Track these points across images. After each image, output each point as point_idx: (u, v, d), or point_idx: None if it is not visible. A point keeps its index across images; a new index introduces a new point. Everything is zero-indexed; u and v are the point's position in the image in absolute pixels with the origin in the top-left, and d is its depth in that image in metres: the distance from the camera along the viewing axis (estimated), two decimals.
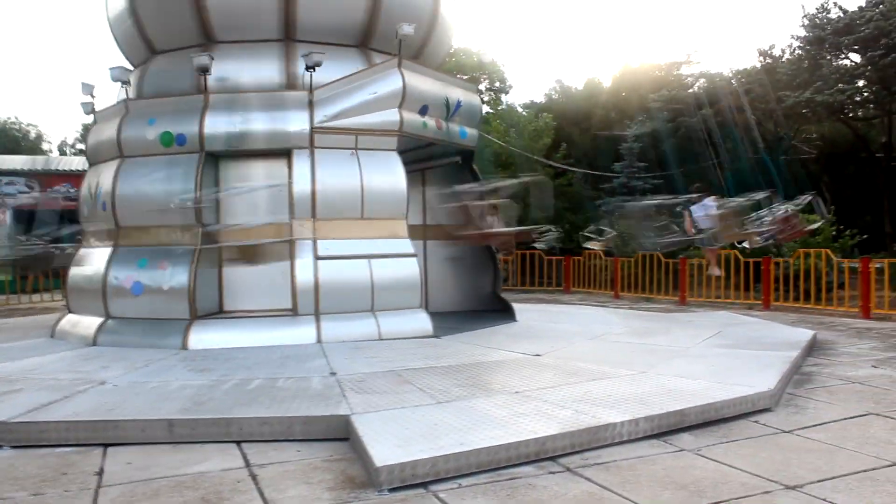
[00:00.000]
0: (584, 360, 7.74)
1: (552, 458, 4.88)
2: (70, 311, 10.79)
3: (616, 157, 27.47)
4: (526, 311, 12.18)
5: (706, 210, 11.98)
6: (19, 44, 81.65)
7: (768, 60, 30.02)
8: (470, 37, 63.86)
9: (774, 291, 15.28)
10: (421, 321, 9.56)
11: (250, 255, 9.73)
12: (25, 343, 10.04)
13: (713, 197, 12.26)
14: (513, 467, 4.72)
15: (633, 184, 25.83)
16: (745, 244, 12.55)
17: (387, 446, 4.71)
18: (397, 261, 9.60)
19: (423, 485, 4.44)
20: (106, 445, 5.59)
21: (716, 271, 14.21)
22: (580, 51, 70.84)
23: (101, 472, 5.00)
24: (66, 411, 6.05)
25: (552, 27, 73.00)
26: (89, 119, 11.30)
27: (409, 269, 9.67)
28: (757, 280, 16.02)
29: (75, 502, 4.42)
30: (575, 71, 63.34)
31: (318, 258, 9.31)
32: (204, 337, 8.98)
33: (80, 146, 52.31)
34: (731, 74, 29.63)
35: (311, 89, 9.62)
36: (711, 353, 8.34)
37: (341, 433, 5.48)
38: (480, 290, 12.21)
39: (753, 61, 30.80)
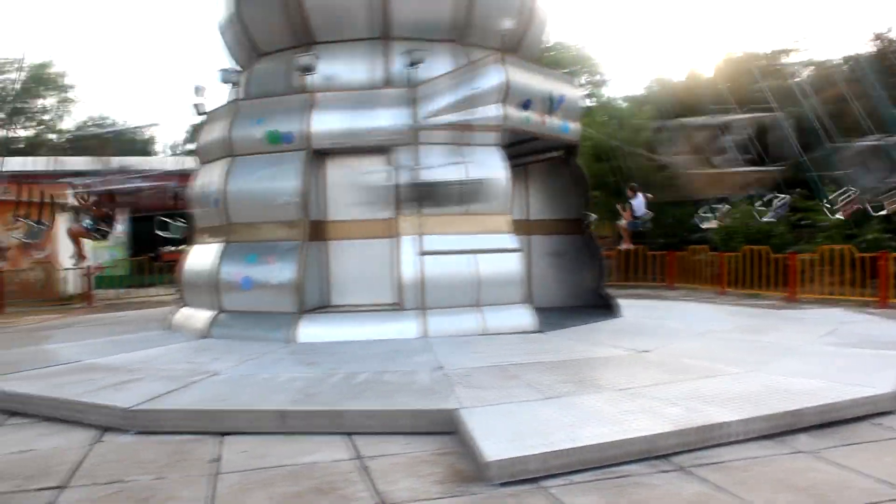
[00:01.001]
0: (692, 357, 7.56)
1: (662, 457, 4.78)
2: (184, 305, 11.18)
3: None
4: (629, 307, 11.99)
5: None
6: (130, 49, 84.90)
7: (884, 44, 28.65)
8: (565, 30, 63.24)
9: (893, 288, 14.60)
10: (525, 316, 9.52)
11: (355, 250, 9.90)
12: (143, 335, 10.47)
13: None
14: (622, 465, 4.65)
15: None
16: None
17: (496, 441, 4.70)
18: (501, 256, 9.58)
19: (533, 480, 4.41)
20: (221, 434, 5.76)
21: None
22: (679, 42, 69.31)
23: (218, 460, 5.15)
24: (184, 400, 6.27)
25: (650, 18, 71.66)
26: (197, 120, 11.66)
27: (514, 264, 9.64)
28: (872, 276, 15.34)
29: (195, 487, 4.58)
30: (674, 62, 61.95)
31: (422, 253, 9.37)
32: (311, 331, 9.16)
33: (190, 146, 54.07)
34: (841, 61, 28.43)
35: (413, 86, 9.69)
36: (825, 351, 8.01)
37: (448, 427, 5.49)
38: (583, 285, 12.08)
39: (866, 46, 29.33)
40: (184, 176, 29.70)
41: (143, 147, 53.93)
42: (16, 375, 7.65)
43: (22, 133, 55.12)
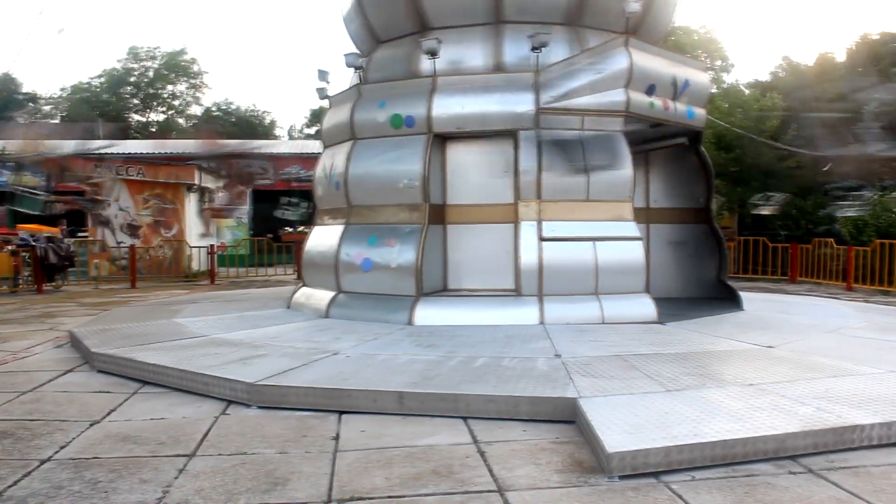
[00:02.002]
0: (822, 355, 7.21)
1: (791, 458, 4.57)
2: (304, 285, 11.44)
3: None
4: (751, 300, 11.60)
5: None
6: (257, 35, 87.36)
7: None
8: (688, 13, 61.40)
9: None
10: (645, 306, 9.32)
11: (474, 234, 9.90)
12: (266, 312, 10.77)
13: None
14: (749, 463, 4.47)
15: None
16: None
17: (617, 432, 4.61)
18: (622, 244, 9.40)
19: (655, 475, 4.30)
20: (340, 412, 5.86)
21: None
22: (808, 24, 66.40)
23: (337, 437, 5.24)
24: (305, 378, 6.39)
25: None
26: (317, 105, 11.93)
27: (634, 252, 9.45)
28: None
29: (316, 463, 4.66)
30: (804, 46, 59.51)
31: (542, 239, 9.29)
32: (429, 314, 9.21)
33: (308, 131, 55.37)
34: None
35: (536, 70, 9.60)
36: None
37: (567, 416, 5.42)
38: (704, 275, 11.76)
39: None
40: (304, 159, 30.74)
41: (264, 131, 55.49)
42: (149, 347, 7.99)
43: (153, 117, 57.63)
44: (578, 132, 9.54)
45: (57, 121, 56.12)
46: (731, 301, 10.98)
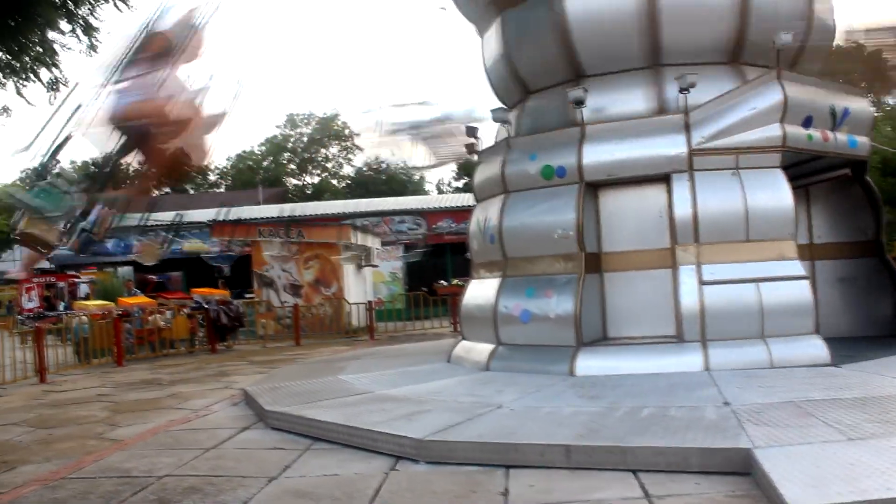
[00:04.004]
0: None
1: None
2: (463, 338, 11.59)
3: None
4: None
5: None
6: (403, 94, 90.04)
7: None
8: (842, 34, 58.66)
9: None
10: (815, 347, 8.87)
11: (631, 281, 9.80)
12: (427, 367, 10.95)
13: None
14: None
15: None
16: None
17: (799, 486, 4.42)
18: (787, 284, 9.02)
19: None
20: (507, 467, 5.89)
21: None
22: None
23: (506, 493, 5.27)
24: (471, 432, 6.47)
25: None
26: (469, 160, 12.13)
27: (800, 292, 9.05)
28: None
29: None
30: None
31: (702, 283, 9.07)
32: (589, 363, 9.12)
33: (457, 184, 56.34)
34: None
35: (685, 111, 9.48)
36: None
37: (740, 467, 5.26)
38: (878, 312, 11.08)
39: None
40: (455, 212, 31.27)
41: (414, 187, 56.84)
42: (318, 404, 8.30)
43: (308, 180, 60.19)
44: (734, 171, 9.31)
45: (222, 189, 59.53)
46: None
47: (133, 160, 7.86)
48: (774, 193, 9.23)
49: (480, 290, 11.03)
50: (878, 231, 11.10)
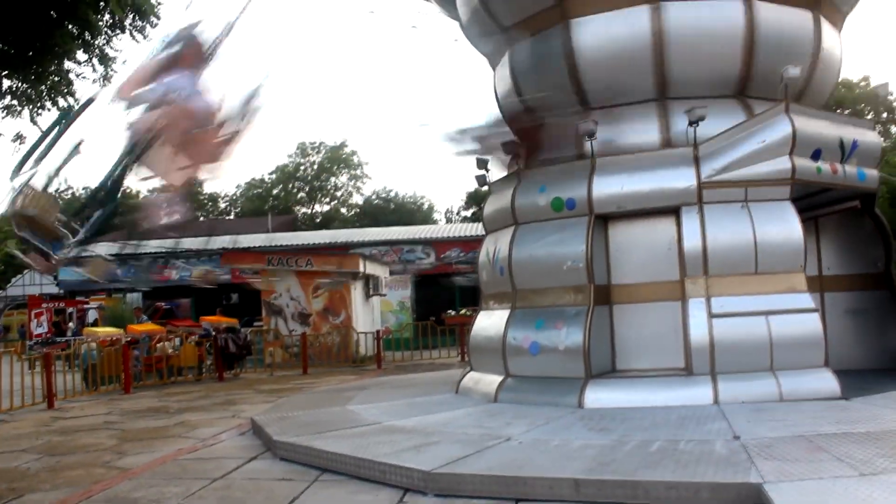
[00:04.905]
0: None
1: None
2: (472, 369, 11.57)
3: None
4: None
5: None
6: (412, 124, 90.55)
7: None
8: (848, 67, 58.94)
9: None
10: (826, 381, 8.83)
11: (641, 314, 9.79)
12: (435, 398, 10.92)
13: None
14: None
15: None
16: None
17: None
18: (796, 316, 9.00)
19: None
20: (516, 500, 5.88)
21: None
22: None
23: None
24: (480, 465, 6.45)
25: None
26: (472, 188, 12.21)
27: (810, 324, 9.02)
28: None
29: None
30: None
31: (711, 316, 9.06)
32: (599, 396, 9.09)
33: (465, 213, 56.47)
34: None
35: (695, 144, 9.53)
36: None
37: (751, 502, 5.24)
38: (890, 345, 11.01)
39: None
40: (464, 242, 31.35)
41: (423, 216, 56.98)
42: (326, 435, 8.29)
43: (318, 208, 60.46)
44: (743, 204, 9.34)
45: (231, 217, 59.79)
46: None
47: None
48: (784, 226, 9.24)
49: (489, 321, 11.04)
50: (888, 263, 11.09)
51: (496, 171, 11.86)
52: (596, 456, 6.47)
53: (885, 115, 33.77)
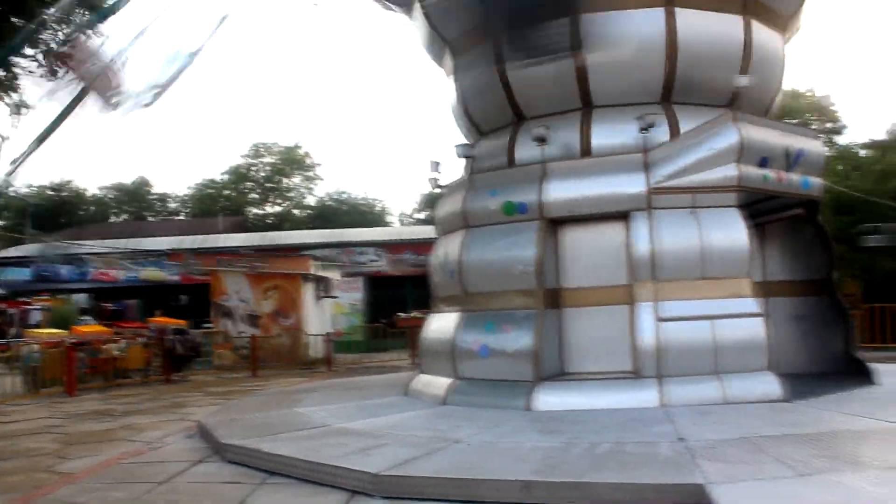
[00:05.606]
0: None
1: None
2: (422, 372, 11.57)
3: None
4: (886, 373, 11.02)
5: None
6: (367, 127, 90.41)
7: None
8: (795, 76, 60.11)
9: None
10: (769, 384, 9.01)
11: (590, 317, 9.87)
12: (385, 400, 10.89)
13: None
14: None
15: None
16: None
17: None
18: (743, 321, 9.18)
19: None
20: (465, 502, 5.88)
21: None
22: None
23: None
24: (429, 467, 6.45)
25: (889, 55, 67.14)
26: (426, 190, 12.34)
27: (755, 329, 9.21)
28: None
29: None
30: None
31: (659, 320, 9.18)
32: (548, 398, 9.16)
33: (419, 216, 56.44)
34: None
35: (644, 150, 9.64)
36: None
37: (694, 502, 5.30)
38: (831, 349, 11.28)
39: None
40: (416, 244, 31.35)
41: (374, 219, 56.77)
42: (275, 437, 8.21)
43: (270, 210, 59.94)
44: (691, 210, 9.48)
45: (182, 217, 58.99)
46: (861, 375, 10.51)
47: None
48: (730, 232, 9.41)
49: (440, 324, 11.06)
50: (829, 270, 11.33)
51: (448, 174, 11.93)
52: (545, 458, 6.51)
53: (829, 124, 34.47)
